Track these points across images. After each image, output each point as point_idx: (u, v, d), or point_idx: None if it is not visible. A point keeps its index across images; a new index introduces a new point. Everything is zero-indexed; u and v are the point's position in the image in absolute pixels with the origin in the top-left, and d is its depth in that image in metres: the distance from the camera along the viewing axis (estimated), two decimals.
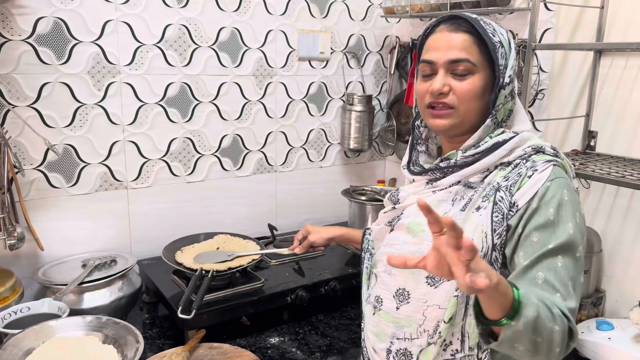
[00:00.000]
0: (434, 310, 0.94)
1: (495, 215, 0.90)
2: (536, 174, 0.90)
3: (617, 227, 1.51)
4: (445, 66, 0.96)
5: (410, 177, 1.08)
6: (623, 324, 1.38)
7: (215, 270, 1.40)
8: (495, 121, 0.97)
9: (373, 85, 2.16)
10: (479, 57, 0.95)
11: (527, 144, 0.95)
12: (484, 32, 0.94)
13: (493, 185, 0.93)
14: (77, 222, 1.60)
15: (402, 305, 0.99)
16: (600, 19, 1.48)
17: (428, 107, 0.99)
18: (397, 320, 0.99)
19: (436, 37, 0.98)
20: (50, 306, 1.32)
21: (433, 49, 0.98)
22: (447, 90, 0.95)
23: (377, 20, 2.09)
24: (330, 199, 2.08)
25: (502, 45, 0.95)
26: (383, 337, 1.02)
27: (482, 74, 0.95)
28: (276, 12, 1.85)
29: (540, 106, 1.67)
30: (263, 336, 1.44)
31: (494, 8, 1.58)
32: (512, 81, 0.97)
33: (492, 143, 0.95)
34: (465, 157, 0.97)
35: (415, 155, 1.09)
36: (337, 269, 1.63)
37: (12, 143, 1.45)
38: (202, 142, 1.79)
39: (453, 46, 0.95)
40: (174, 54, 1.67)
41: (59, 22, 1.48)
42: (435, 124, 0.99)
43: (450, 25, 0.97)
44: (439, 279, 0.94)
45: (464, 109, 0.96)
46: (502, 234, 0.90)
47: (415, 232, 1.00)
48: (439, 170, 1.00)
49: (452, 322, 0.92)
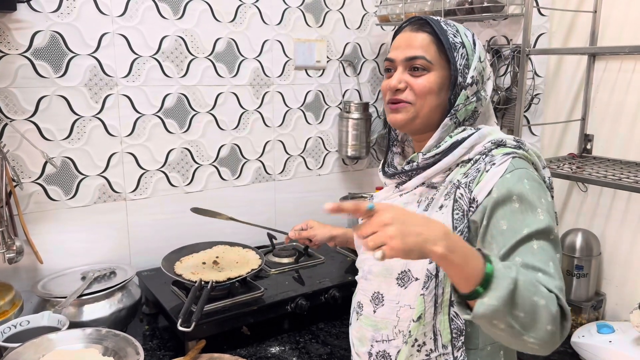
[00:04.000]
0: (405, 310, 0.96)
1: (456, 213, 0.91)
2: (493, 168, 0.90)
3: (616, 229, 1.51)
4: (402, 64, 0.99)
5: (382, 180, 1.10)
6: (624, 327, 1.38)
7: (214, 281, 1.40)
8: (455, 121, 0.98)
9: (370, 93, 2.17)
10: (436, 55, 0.97)
11: (487, 139, 0.95)
12: (442, 32, 0.97)
13: (454, 183, 0.94)
14: (76, 235, 1.60)
15: (378, 308, 1.01)
16: (594, 23, 1.49)
17: (388, 103, 1.01)
18: (374, 323, 1.02)
19: (399, 37, 1.02)
20: (50, 319, 1.32)
21: (394, 48, 1.02)
22: (404, 86, 0.98)
23: (372, 29, 2.10)
24: None
25: (463, 46, 0.97)
26: (364, 341, 1.04)
27: (439, 72, 0.97)
28: (272, 22, 1.86)
29: (536, 111, 1.68)
30: (264, 346, 1.43)
31: (487, 14, 1.59)
32: (475, 83, 0.98)
33: (451, 142, 0.96)
34: (426, 158, 0.98)
35: (390, 157, 1.12)
36: (336, 277, 1.63)
37: (10, 157, 1.45)
38: (200, 153, 1.79)
39: (411, 45, 0.98)
40: (170, 65, 1.68)
41: (55, 35, 1.49)
42: (392, 119, 1.01)
43: (413, 25, 1.00)
44: (409, 280, 0.95)
45: (420, 104, 0.98)
46: (464, 231, 0.90)
47: None
48: (404, 174, 1.02)
49: (421, 321, 0.93)
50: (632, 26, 1.44)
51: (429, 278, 0.92)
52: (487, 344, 0.95)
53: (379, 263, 1.00)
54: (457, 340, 0.92)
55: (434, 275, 0.92)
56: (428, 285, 0.92)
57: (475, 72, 0.97)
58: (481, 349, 0.95)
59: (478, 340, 0.95)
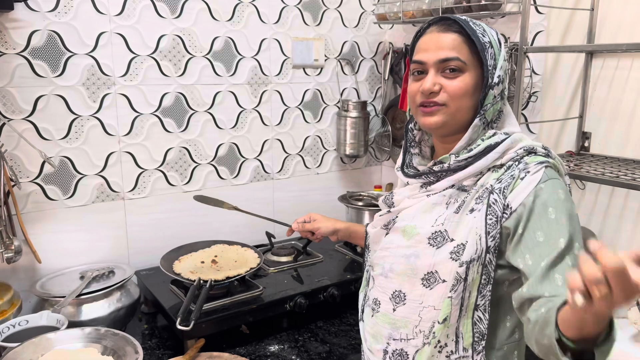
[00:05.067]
0: (429, 311, 0.95)
1: (489, 218, 0.90)
2: (529, 176, 0.90)
3: (613, 227, 1.51)
4: (435, 66, 0.96)
5: (404, 180, 1.08)
6: (621, 324, 1.38)
7: (213, 280, 1.40)
8: (484, 121, 0.97)
9: (367, 91, 2.17)
10: (468, 56, 0.95)
11: (519, 145, 0.95)
12: (473, 33, 0.95)
13: (486, 188, 0.94)
14: (75, 234, 1.60)
15: (398, 306, 1.00)
16: (591, 21, 1.49)
17: (419, 106, 0.99)
18: (393, 321, 1.00)
19: (426, 39, 0.99)
20: (49, 318, 1.32)
21: (423, 50, 0.98)
22: (438, 89, 0.96)
23: (370, 27, 2.10)
24: (327, 205, 2.08)
25: (491, 45, 0.96)
26: (380, 338, 1.03)
27: (472, 73, 0.96)
28: (270, 20, 1.86)
29: (533, 108, 1.68)
30: (262, 344, 1.44)
31: (485, 12, 1.60)
32: (501, 82, 0.97)
33: (484, 146, 0.95)
34: (459, 161, 0.97)
35: (408, 158, 1.10)
36: (335, 275, 1.64)
37: (8, 156, 1.45)
38: (198, 152, 1.79)
39: (443, 46, 0.96)
40: (168, 64, 1.68)
41: (53, 35, 1.48)
42: (426, 122, 0.99)
43: (440, 26, 0.98)
44: (435, 281, 0.94)
45: (455, 107, 0.96)
46: (496, 236, 0.90)
47: (410, 235, 1.01)
48: (433, 174, 1.01)
49: (446, 323, 0.92)
50: (628, 24, 1.44)
51: (457, 281, 0.91)
52: (504, 344, 0.96)
53: (403, 261, 1.00)
54: (477, 344, 0.93)
55: (463, 279, 0.91)
56: (457, 288, 0.91)
57: (502, 71, 0.96)
58: (497, 349, 0.96)
59: (496, 340, 0.96)
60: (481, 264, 0.90)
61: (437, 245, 0.95)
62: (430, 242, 0.96)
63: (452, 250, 0.93)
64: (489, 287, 0.92)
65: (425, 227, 0.98)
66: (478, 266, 0.91)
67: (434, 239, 0.96)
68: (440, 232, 0.96)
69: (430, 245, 0.96)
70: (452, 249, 0.93)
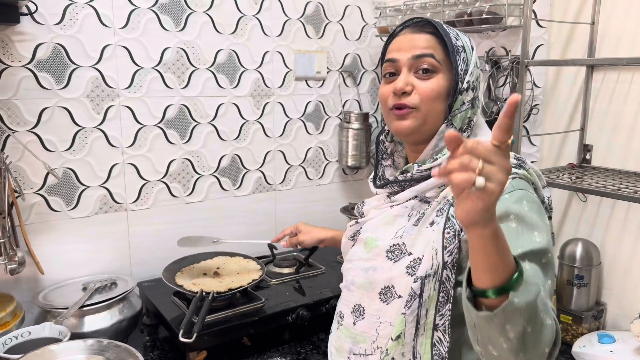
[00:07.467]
0: (385, 327, 0.92)
1: (447, 232, 0.86)
2: None
3: (615, 239, 1.51)
4: (408, 63, 0.93)
5: (373, 190, 1.06)
6: (624, 337, 1.38)
7: (215, 292, 1.40)
8: (451, 128, 0.93)
9: (369, 103, 2.18)
10: (443, 56, 0.93)
11: None
12: (446, 34, 0.93)
13: (448, 199, 0.90)
14: (77, 245, 1.60)
15: (358, 320, 0.98)
16: (591, 34, 1.50)
17: (392, 109, 0.95)
18: (353, 335, 0.98)
19: (399, 39, 0.96)
20: (51, 330, 1.32)
21: (396, 50, 0.95)
22: (410, 89, 0.92)
23: (372, 40, 2.12)
24: (329, 216, 2.08)
25: (464, 50, 0.94)
26: (342, 351, 1.01)
27: (446, 75, 0.93)
28: (272, 33, 1.87)
29: (535, 121, 1.69)
30: (264, 356, 1.43)
31: (486, 26, 1.61)
32: (472, 89, 0.93)
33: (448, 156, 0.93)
34: (421, 170, 0.94)
35: (381, 170, 1.06)
36: (337, 287, 1.61)
37: (12, 168, 1.46)
38: (201, 163, 1.80)
39: (417, 45, 0.93)
40: (172, 77, 1.69)
41: (58, 47, 1.50)
42: (399, 127, 0.95)
43: (413, 27, 0.95)
44: (391, 296, 0.91)
45: (426, 110, 0.92)
46: (454, 251, 0.85)
47: (370, 247, 0.98)
48: (397, 184, 0.98)
49: (399, 341, 0.89)
50: (629, 38, 1.45)
51: (412, 297, 0.88)
52: None
53: (362, 274, 0.97)
54: None
55: (418, 295, 0.87)
56: (410, 304, 0.88)
57: (472, 77, 0.93)
58: None
59: None
60: (438, 280, 0.86)
61: (395, 259, 0.92)
62: (388, 255, 0.93)
63: (408, 265, 0.90)
64: (449, 306, 0.86)
65: (385, 240, 0.95)
66: (434, 282, 0.86)
67: (391, 252, 0.93)
68: (399, 245, 0.93)
69: (387, 259, 0.93)
70: (408, 263, 0.90)
